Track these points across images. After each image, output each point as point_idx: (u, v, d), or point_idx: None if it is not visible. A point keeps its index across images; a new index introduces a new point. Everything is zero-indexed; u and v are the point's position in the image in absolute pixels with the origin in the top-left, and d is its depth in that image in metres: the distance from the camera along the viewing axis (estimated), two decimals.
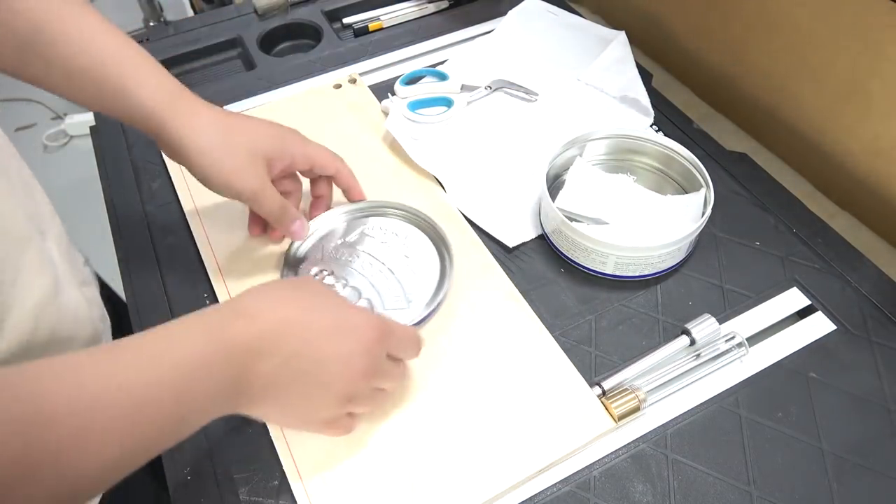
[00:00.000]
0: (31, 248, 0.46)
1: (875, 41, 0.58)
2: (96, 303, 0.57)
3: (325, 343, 0.40)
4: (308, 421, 0.43)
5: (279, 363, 0.38)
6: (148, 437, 0.34)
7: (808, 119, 0.68)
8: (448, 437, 0.48)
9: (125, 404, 0.32)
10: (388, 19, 0.85)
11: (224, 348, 0.36)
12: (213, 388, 0.36)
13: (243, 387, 0.37)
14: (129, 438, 0.32)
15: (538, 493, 0.46)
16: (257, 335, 0.37)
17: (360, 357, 0.41)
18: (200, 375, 0.35)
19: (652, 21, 0.83)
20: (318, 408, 0.42)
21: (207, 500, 0.46)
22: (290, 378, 0.39)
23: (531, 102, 0.73)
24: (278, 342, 0.38)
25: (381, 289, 0.55)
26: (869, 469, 0.46)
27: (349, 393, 0.41)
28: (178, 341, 0.35)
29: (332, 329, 0.40)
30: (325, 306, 0.41)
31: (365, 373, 0.41)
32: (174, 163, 0.67)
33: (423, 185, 0.65)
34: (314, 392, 0.40)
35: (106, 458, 0.31)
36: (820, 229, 0.60)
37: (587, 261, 0.57)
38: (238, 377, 0.37)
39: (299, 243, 0.58)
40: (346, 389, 0.41)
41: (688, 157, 0.61)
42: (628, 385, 0.49)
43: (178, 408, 0.34)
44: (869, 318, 0.53)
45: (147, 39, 0.85)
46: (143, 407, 0.33)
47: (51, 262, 0.49)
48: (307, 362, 0.39)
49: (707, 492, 0.45)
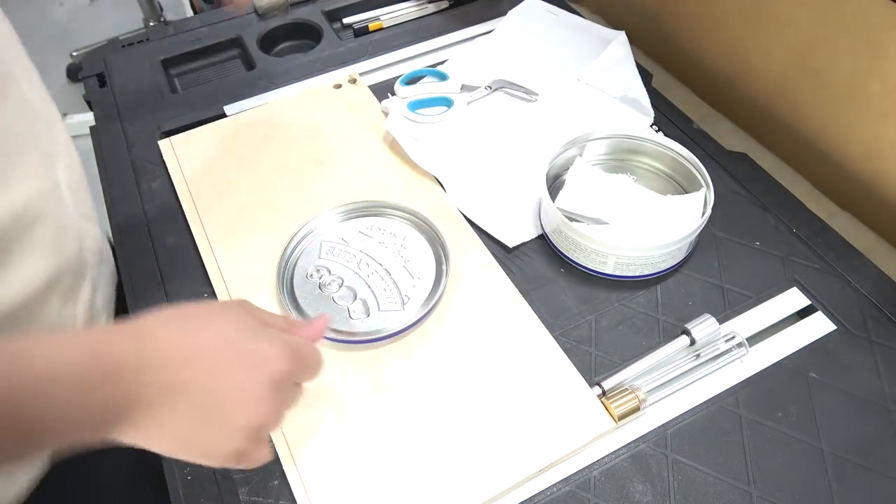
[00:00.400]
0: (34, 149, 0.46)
1: (875, 41, 0.58)
2: (92, 235, 0.57)
3: (220, 374, 0.36)
4: (209, 454, 0.38)
5: (165, 390, 0.34)
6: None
7: (808, 119, 0.68)
8: (448, 437, 0.48)
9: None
10: (388, 19, 0.85)
11: (102, 364, 0.33)
12: (82, 403, 0.32)
13: (121, 410, 0.34)
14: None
15: (538, 493, 0.46)
16: (140, 355, 0.34)
17: (264, 391, 0.37)
18: (68, 386, 0.32)
19: (652, 21, 0.83)
20: (220, 442, 0.37)
21: (207, 500, 0.46)
22: (179, 408, 0.35)
23: (531, 102, 0.73)
24: (163, 367, 0.35)
25: (376, 289, 0.55)
26: (869, 469, 0.46)
27: (257, 426, 0.37)
28: (57, 347, 0.32)
29: (231, 359, 0.37)
30: (229, 333, 0.38)
31: (276, 409, 0.38)
32: (174, 163, 0.68)
33: (423, 185, 0.65)
34: (212, 425, 0.36)
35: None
36: (820, 229, 0.60)
37: (587, 261, 0.57)
38: (116, 398, 0.33)
39: (296, 243, 0.58)
40: (253, 424, 0.37)
41: (688, 157, 0.61)
42: (628, 385, 0.49)
43: (34, 412, 0.31)
44: (869, 318, 0.53)
45: (147, 39, 0.85)
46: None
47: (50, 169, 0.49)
48: (197, 393, 0.35)
49: (707, 492, 0.45)
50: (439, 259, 0.57)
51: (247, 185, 0.65)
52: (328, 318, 0.46)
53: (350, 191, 0.64)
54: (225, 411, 0.36)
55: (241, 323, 0.39)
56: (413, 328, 0.53)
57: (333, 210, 0.60)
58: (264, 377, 0.37)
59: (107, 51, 0.83)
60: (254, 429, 0.37)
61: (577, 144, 0.63)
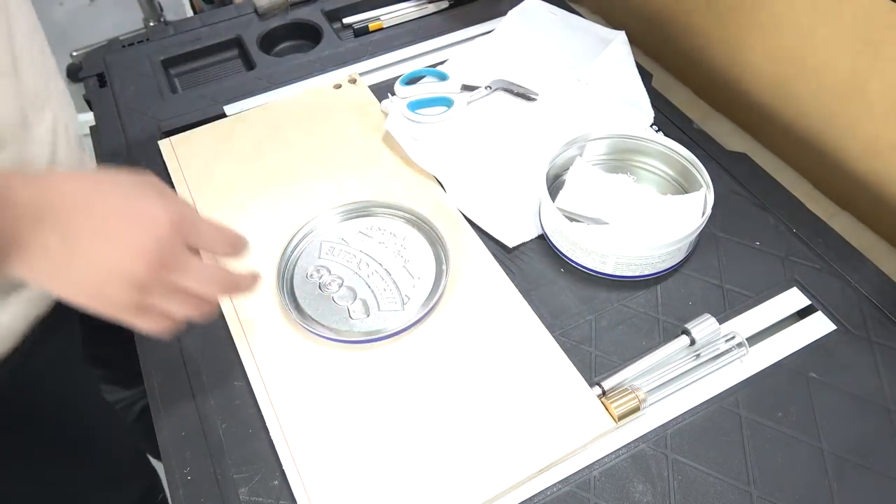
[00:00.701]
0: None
1: (875, 41, 0.58)
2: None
3: (110, 223, 0.40)
4: (97, 300, 0.41)
5: (59, 233, 0.38)
6: None
7: (808, 119, 0.68)
8: (448, 437, 0.48)
9: None
10: (388, 19, 0.85)
11: (1, 196, 0.37)
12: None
13: (13, 249, 0.38)
14: None
15: (538, 493, 0.46)
16: (37, 201, 0.38)
17: (148, 244, 0.40)
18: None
19: (652, 21, 0.83)
20: (106, 290, 0.40)
21: (207, 500, 0.46)
22: (70, 251, 0.39)
23: (531, 102, 0.73)
24: (59, 213, 0.38)
25: (376, 289, 0.55)
26: (869, 469, 0.46)
27: (139, 280, 0.40)
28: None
29: (121, 212, 0.40)
30: (123, 190, 0.41)
31: (152, 260, 0.40)
32: (174, 163, 0.68)
33: (423, 185, 0.65)
34: (99, 270, 0.40)
35: None
36: (820, 229, 0.60)
37: (587, 261, 0.57)
38: (10, 228, 0.37)
39: (296, 243, 0.58)
40: (134, 275, 0.40)
41: (688, 157, 0.61)
42: (628, 385, 0.49)
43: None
44: (869, 318, 0.53)
45: (147, 39, 0.85)
46: None
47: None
48: (87, 239, 0.39)
49: (707, 492, 0.45)
50: (439, 259, 0.57)
51: (247, 185, 0.65)
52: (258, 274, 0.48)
53: (350, 191, 0.64)
54: (106, 255, 0.39)
55: (137, 184, 0.42)
56: (413, 328, 0.53)
57: (333, 210, 0.60)
58: (145, 231, 0.40)
59: (107, 51, 0.84)
60: (133, 281, 0.40)
61: (577, 144, 0.63)
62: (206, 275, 0.44)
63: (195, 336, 0.54)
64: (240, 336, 0.54)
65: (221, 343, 0.54)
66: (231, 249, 0.45)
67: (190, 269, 0.42)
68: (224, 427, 0.49)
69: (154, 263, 0.40)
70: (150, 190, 0.42)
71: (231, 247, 0.45)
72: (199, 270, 0.43)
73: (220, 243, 0.45)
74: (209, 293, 0.44)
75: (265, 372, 0.51)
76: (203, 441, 0.48)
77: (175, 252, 0.41)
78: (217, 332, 0.54)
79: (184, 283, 0.42)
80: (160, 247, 0.40)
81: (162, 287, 0.41)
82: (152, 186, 0.42)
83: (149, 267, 0.40)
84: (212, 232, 0.44)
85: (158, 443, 0.49)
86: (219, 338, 0.54)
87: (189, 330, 0.55)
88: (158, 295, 0.42)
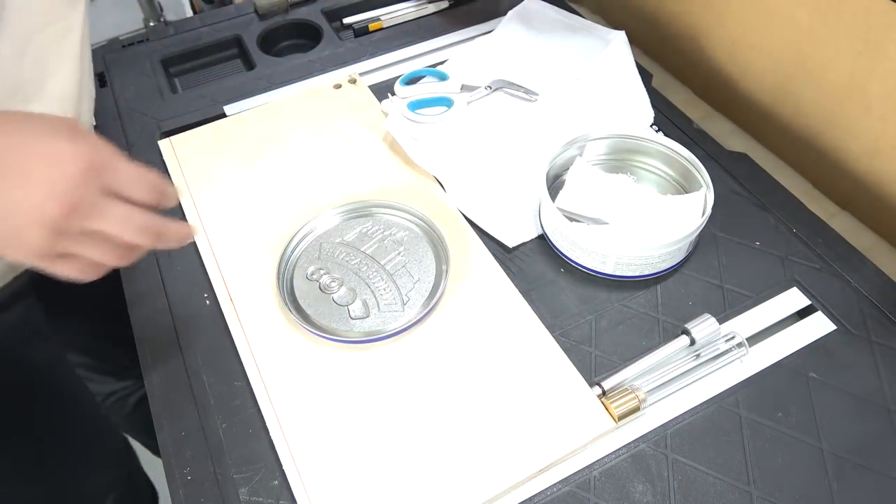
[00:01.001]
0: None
1: (875, 41, 0.58)
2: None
3: (15, 161, 0.38)
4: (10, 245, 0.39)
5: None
6: None
7: (808, 119, 0.68)
8: (448, 437, 0.48)
9: None
10: (388, 19, 0.85)
11: None
12: None
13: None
14: None
15: (538, 493, 0.46)
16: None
17: (59, 183, 0.38)
18: None
19: (652, 21, 0.83)
20: (17, 234, 0.38)
21: (207, 500, 0.46)
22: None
23: (531, 102, 0.73)
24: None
25: (376, 289, 0.55)
26: (869, 469, 0.46)
27: (51, 222, 0.38)
28: None
29: (28, 150, 0.38)
30: (32, 128, 0.39)
31: (63, 201, 0.38)
32: (174, 163, 0.68)
33: (423, 185, 0.65)
34: (6, 212, 0.38)
35: None
36: (820, 229, 0.60)
37: (587, 261, 0.57)
38: None
39: (296, 243, 0.58)
40: (44, 216, 0.38)
41: (688, 157, 0.61)
42: (628, 385, 0.49)
43: None
44: (869, 318, 0.53)
45: (147, 39, 0.85)
46: None
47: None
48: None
49: (707, 492, 0.45)
50: (439, 259, 0.57)
51: (247, 185, 0.65)
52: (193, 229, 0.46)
53: (350, 191, 0.64)
54: (13, 195, 0.38)
55: (50, 127, 0.40)
56: (413, 328, 0.53)
57: (333, 210, 0.60)
58: (57, 172, 0.38)
59: (107, 50, 0.84)
60: (44, 224, 0.38)
61: (577, 144, 0.63)
62: (128, 220, 0.41)
63: (195, 336, 0.54)
64: (240, 336, 0.54)
65: (221, 343, 0.54)
66: (154, 196, 0.42)
67: (108, 213, 0.40)
68: (224, 427, 0.49)
69: (66, 204, 0.38)
70: (62, 128, 0.40)
71: (154, 193, 0.42)
72: (120, 215, 0.40)
73: (140, 188, 0.41)
74: (131, 240, 0.41)
75: (265, 372, 0.51)
76: (203, 441, 0.48)
77: (89, 193, 0.39)
78: (217, 332, 0.55)
79: (102, 227, 0.40)
80: (72, 187, 0.38)
81: (78, 231, 0.39)
82: (67, 125, 0.40)
83: (60, 207, 0.38)
84: (132, 175, 0.41)
85: (158, 443, 0.49)
86: (219, 338, 0.54)
87: (189, 330, 0.55)
88: (74, 240, 0.39)
